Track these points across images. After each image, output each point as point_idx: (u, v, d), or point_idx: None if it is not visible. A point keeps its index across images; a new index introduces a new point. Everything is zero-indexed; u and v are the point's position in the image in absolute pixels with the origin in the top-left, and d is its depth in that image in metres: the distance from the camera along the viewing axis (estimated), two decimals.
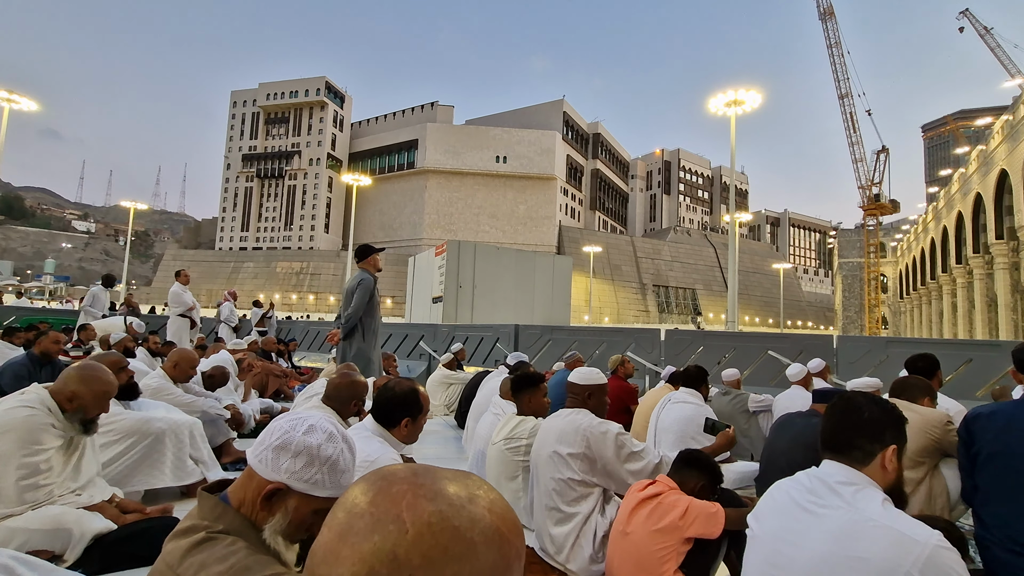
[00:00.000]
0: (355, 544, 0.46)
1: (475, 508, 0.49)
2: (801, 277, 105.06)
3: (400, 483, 0.51)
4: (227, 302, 11.85)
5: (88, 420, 2.23)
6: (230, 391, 5.21)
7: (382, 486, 0.51)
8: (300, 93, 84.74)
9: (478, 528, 0.48)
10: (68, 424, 2.18)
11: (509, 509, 0.53)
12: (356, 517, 0.48)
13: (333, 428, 1.07)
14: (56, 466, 2.16)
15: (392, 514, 0.47)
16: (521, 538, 0.52)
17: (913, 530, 1.19)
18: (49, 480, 2.12)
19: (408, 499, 0.48)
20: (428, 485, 0.50)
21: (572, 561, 2.34)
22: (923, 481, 2.34)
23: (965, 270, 39.50)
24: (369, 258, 5.05)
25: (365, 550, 0.45)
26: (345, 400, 2.49)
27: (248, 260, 79.68)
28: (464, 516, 0.48)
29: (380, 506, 0.48)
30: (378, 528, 0.46)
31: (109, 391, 2.25)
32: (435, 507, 0.48)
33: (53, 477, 2.14)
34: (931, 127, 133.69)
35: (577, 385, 2.59)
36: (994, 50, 57.81)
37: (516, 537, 0.51)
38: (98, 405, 2.22)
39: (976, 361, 6.19)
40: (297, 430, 1.05)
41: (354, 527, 0.47)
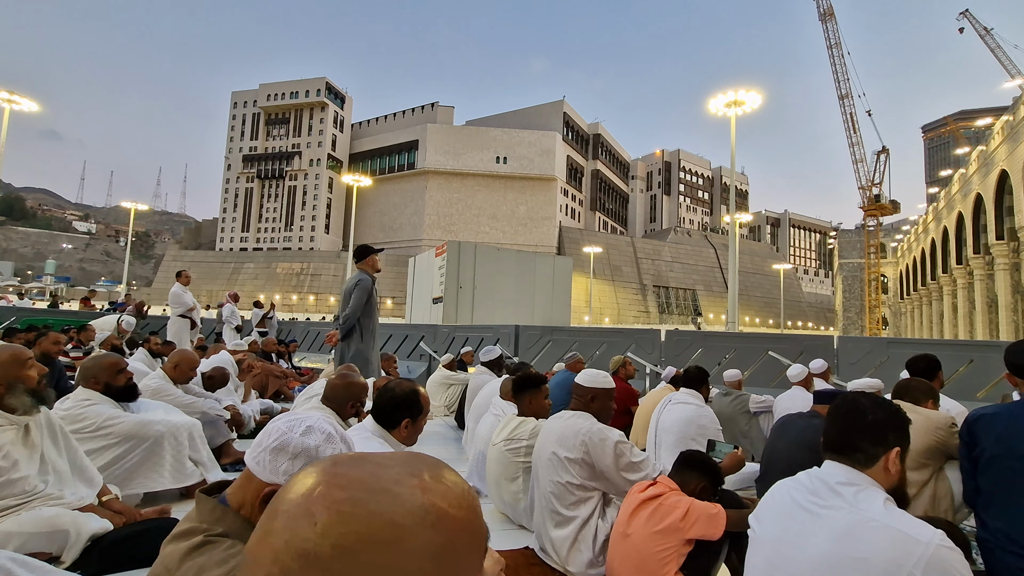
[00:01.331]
0: (269, 544, 0.44)
1: (401, 489, 0.46)
2: (801, 278, 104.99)
3: (316, 475, 0.48)
4: (228, 303, 11.86)
5: (32, 390, 2.19)
6: (230, 392, 5.21)
7: (297, 480, 0.49)
8: (300, 94, 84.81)
9: (404, 509, 0.45)
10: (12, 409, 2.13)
11: (457, 487, 0.50)
12: (270, 517, 0.47)
13: (331, 429, 1.06)
14: (21, 459, 2.12)
15: (302, 508, 0.45)
16: (473, 516, 0.49)
17: (915, 530, 1.18)
18: (19, 473, 2.09)
19: (320, 490, 0.46)
20: (344, 473, 0.48)
21: (571, 564, 2.33)
22: (927, 483, 2.34)
23: (966, 271, 39.47)
24: (368, 259, 5.04)
25: (277, 549, 0.43)
26: (344, 401, 2.49)
27: (248, 261, 79.72)
28: (385, 499, 0.45)
29: (292, 502, 0.46)
30: (289, 525, 0.44)
31: (18, 355, 2.20)
32: (347, 494, 0.45)
33: (22, 470, 2.11)
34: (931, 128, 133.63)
35: (581, 387, 2.54)
36: (994, 51, 57.82)
37: (465, 513, 0.48)
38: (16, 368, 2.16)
39: (977, 362, 6.18)
40: (295, 431, 1.04)
41: (269, 528, 0.46)
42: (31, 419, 2.20)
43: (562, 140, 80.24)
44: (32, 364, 2.24)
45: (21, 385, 2.17)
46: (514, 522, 3.08)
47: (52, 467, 2.24)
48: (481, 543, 0.50)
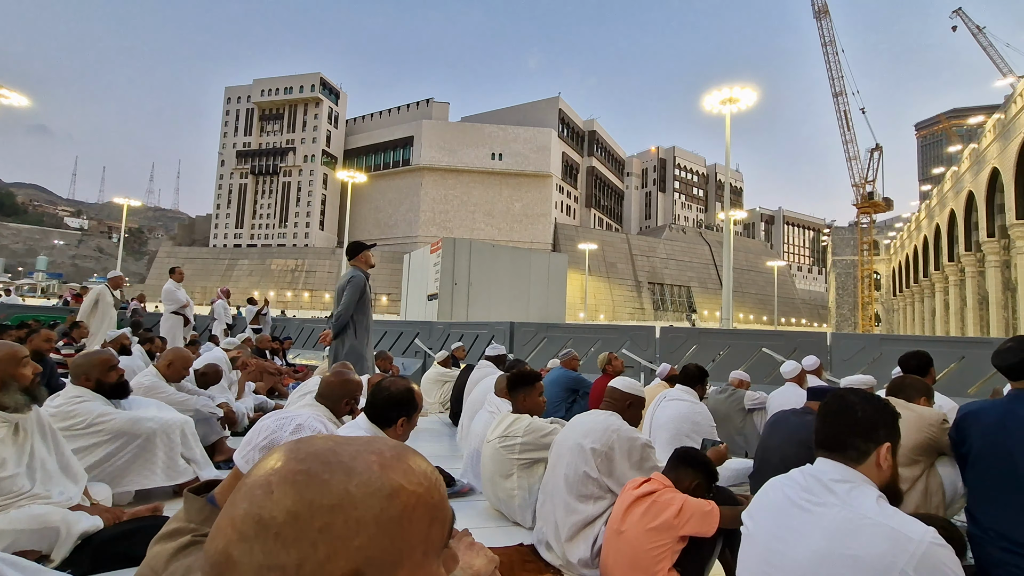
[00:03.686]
0: (229, 514, 0.46)
1: (358, 463, 0.48)
2: (795, 275, 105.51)
3: (278, 452, 0.50)
4: (220, 300, 11.80)
5: (26, 388, 2.18)
6: (224, 389, 5.18)
7: (263, 459, 0.51)
8: (295, 89, 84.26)
9: (357, 480, 0.46)
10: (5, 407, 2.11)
11: (419, 467, 0.51)
12: (235, 492, 0.49)
13: (321, 427, 1.04)
14: (9, 457, 2.10)
15: (262, 480, 0.47)
16: (433, 493, 0.50)
17: (908, 527, 1.19)
18: (7, 472, 2.07)
19: (279, 464, 0.48)
20: (304, 449, 0.50)
21: (571, 553, 2.35)
22: (919, 479, 2.36)
23: (957, 268, 39.79)
24: (361, 255, 5.02)
25: (236, 518, 0.45)
26: (338, 398, 2.47)
27: (243, 257, 79.31)
28: (339, 470, 0.47)
29: (254, 476, 0.48)
30: (249, 496, 0.46)
31: (14, 353, 2.18)
32: (303, 466, 0.47)
33: (10, 469, 2.09)
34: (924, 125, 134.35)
35: (620, 391, 2.64)
36: (986, 49, 58.14)
37: (423, 490, 0.49)
38: (11, 366, 2.15)
39: (968, 358, 6.23)
40: (284, 430, 1.03)
41: (232, 500, 0.48)
42: (22, 417, 2.18)
43: (557, 137, 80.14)
44: (27, 362, 2.22)
45: (16, 383, 2.15)
46: (508, 519, 3.08)
47: (41, 465, 2.22)
48: (441, 520, 0.50)
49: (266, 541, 0.43)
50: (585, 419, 2.60)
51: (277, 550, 0.43)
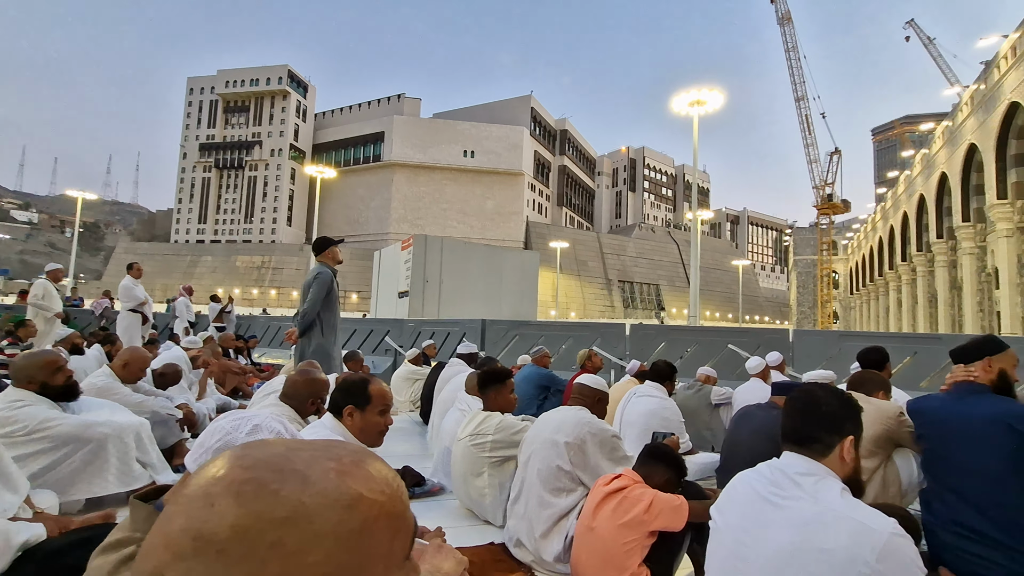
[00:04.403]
0: (163, 530, 0.41)
1: (313, 471, 0.43)
2: (759, 273, 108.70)
3: (222, 458, 0.45)
4: (182, 297, 11.41)
5: None
6: (183, 389, 4.99)
7: (203, 467, 0.46)
8: (261, 81, 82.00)
9: (313, 489, 0.42)
10: None
11: (380, 474, 0.47)
12: (172, 503, 0.44)
13: (281, 428, 0.98)
14: None
15: (202, 491, 0.42)
16: (396, 502, 0.46)
17: (871, 519, 1.22)
18: None
19: (222, 472, 0.43)
20: (251, 455, 0.45)
21: (544, 551, 2.35)
22: (878, 470, 2.45)
23: (910, 267, 41.70)
24: (327, 251, 4.90)
25: (171, 533, 0.40)
26: (304, 398, 2.39)
27: (206, 253, 76.81)
28: (293, 479, 0.42)
29: (192, 486, 0.43)
30: (186, 509, 0.41)
31: None
32: (251, 475, 0.42)
33: None
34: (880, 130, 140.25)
35: (588, 387, 2.72)
36: (936, 59, 61.01)
37: (385, 499, 0.45)
38: None
39: (920, 353, 6.53)
40: (240, 431, 0.97)
41: (167, 514, 0.43)
42: None
43: (530, 135, 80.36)
44: None
45: None
46: (479, 518, 3.06)
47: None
48: (404, 531, 0.47)
49: (207, 561, 0.38)
50: (555, 415, 2.62)
51: (220, 570, 0.38)
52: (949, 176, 33.47)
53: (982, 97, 29.29)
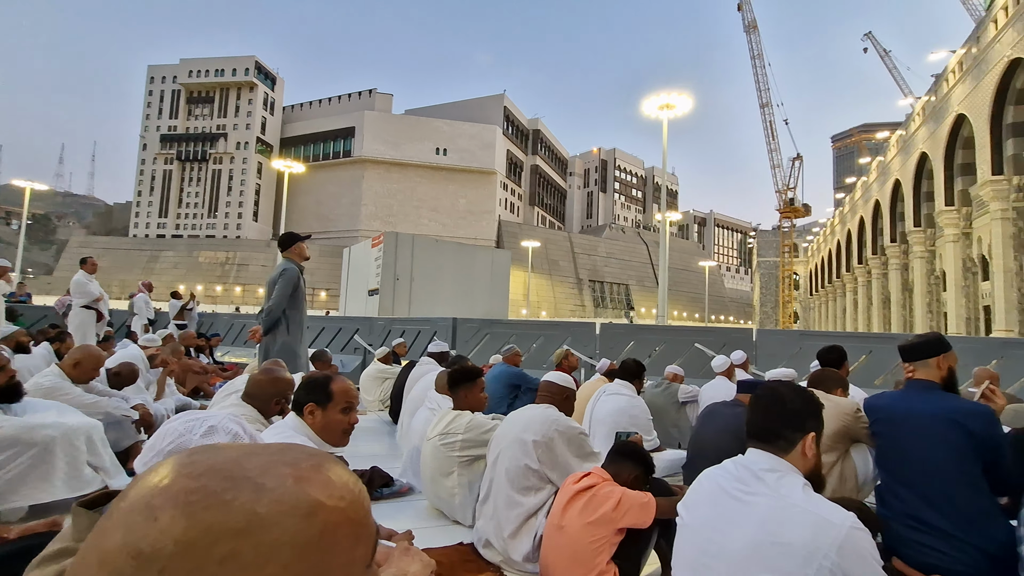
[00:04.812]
0: (98, 547, 0.37)
1: (268, 478, 0.41)
2: (724, 274, 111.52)
3: (166, 466, 0.42)
4: (141, 293, 10.96)
5: None
6: (140, 389, 4.79)
7: (144, 475, 0.42)
8: (227, 72, 79.52)
9: (268, 498, 0.39)
10: None
11: (341, 479, 0.44)
12: (106, 517, 0.39)
13: (239, 428, 0.93)
14: None
15: (143, 503, 0.38)
16: (357, 509, 0.44)
17: (831, 513, 1.26)
18: None
19: (166, 482, 0.40)
20: (200, 462, 0.41)
21: (513, 551, 2.34)
22: (836, 464, 2.54)
23: (865, 270, 43.48)
24: (294, 246, 4.77)
25: (107, 551, 0.36)
26: (267, 398, 2.31)
27: (167, 249, 74.03)
28: (246, 487, 0.39)
29: (132, 498, 0.39)
30: (124, 522, 0.37)
31: None
32: (198, 484, 0.39)
33: None
34: (839, 138, 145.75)
35: (557, 385, 2.74)
36: (891, 71, 63.85)
37: (346, 505, 0.42)
38: None
39: (875, 352, 6.82)
40: (194, 432, 0.92)
41: (102, 529, 0.39)
42: None
43: (502, 134, 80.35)
44: None
45: None
46: (448, 518, 3.04)
47: None
48: (366, 538, 0.44)
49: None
50: (524, 413, 2.62)
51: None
52: (902, 183, 35.07)
53: (932, 109, 30.77)
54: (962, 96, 26.88)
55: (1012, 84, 23.44)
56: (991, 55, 24.12)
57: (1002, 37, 23.29)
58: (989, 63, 24.25)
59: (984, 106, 24.63)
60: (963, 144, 27.99)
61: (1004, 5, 23.31)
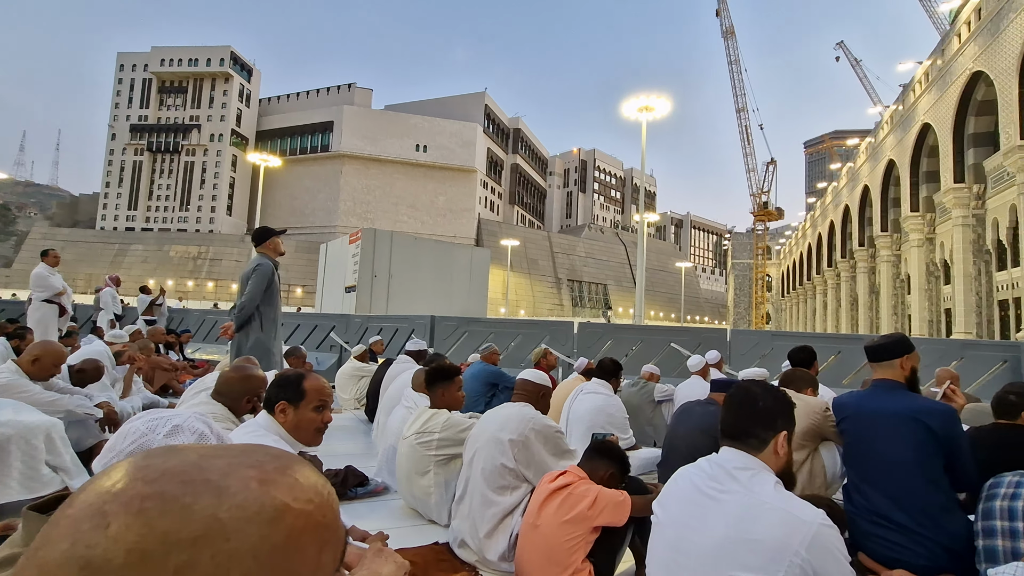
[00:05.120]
0: (40, 561, 0.34)
1: (231, 481, 0.38)
2: (700, 275, 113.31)
3: (119, 469, 0.39)
4: (108, 288, 10.60)
5: None
6: (106, 387, 4.63)
7: (95, 479, 0.39)
8: (201, 62, 77.37)
9: (231, 503, 0.37)
10: None
11: (308, 480, 0.42)
12: (52, 525, 0.36)
13: (205, 428, 0.89)
14: None
15: (92, 509, 0.35)
16: (326, 512, 0.42)
17: (801, 511, 1.29)
18: None
19: (119, 486, 0.37)
20: (156, 465, 0.39)
21: (488, 551, 2.34)
22: (805, 462, 2.60)
23: (835, 273, 44.71)
24: (269, 241, 4.67)
25: (50, 563, 0.33)
26: (238, 395, 2.25)
27: (136, 242, 71.67)
28: (206, 491, 0.37)
29: (81, 504, 0.36)
30: (71, 531, 0.35)
31: None
32: (154, 489, 0.36)
33: None
34: (811, 144, 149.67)
35: (533, 383, 2.73)
36: (862, 80, 65.77)
37: (314, 508, 0.41)
38: None
39: (843, 353, 7.02)
40: (157, 432, 0.87)
41: (46, 537, 0.35)
42: None
43: (483, 132, 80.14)
44: None
45: None
46: (424, 518, 3.01)
47: None
48: (334, 543, 0.43)
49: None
50: (500, 412, 2.62)
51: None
52: (871, 189, 36.16)
53: (900, 117, 31.78)
54: (927, 106, 27.83)
55: (973, 96, 24.37)
56: (954, 67, 25.02)
57: (965, 50, 24.19)
58: (953, 75, 25.16)
59: (947, 116, 25.55)
60: (928, 152, 28.99)
61: (967, 20, 24.20)
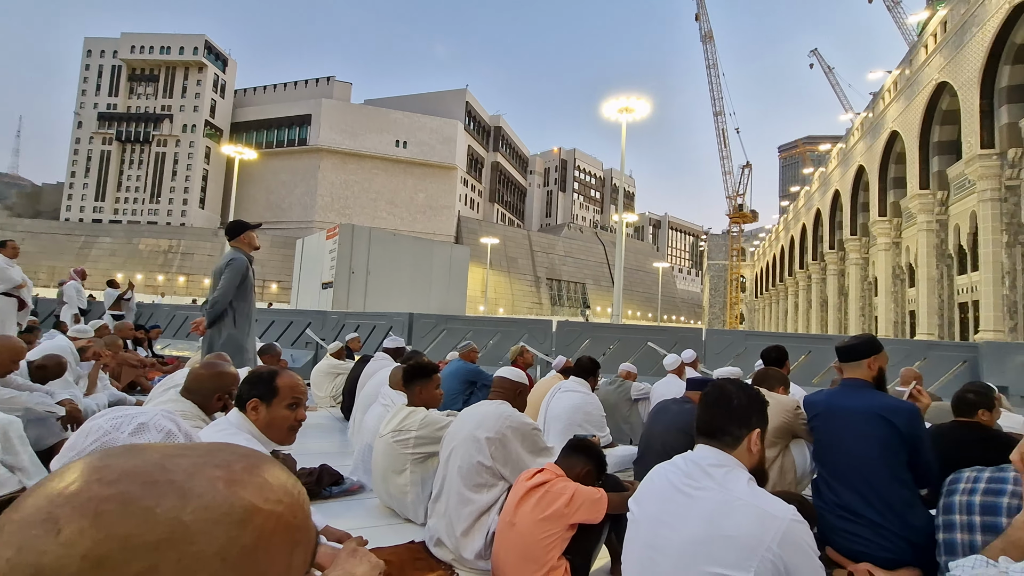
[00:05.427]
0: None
1: (196, 481, 0.36)
2: (676, 276, 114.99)
3: (74, 470, 0.36)
4: (72, 281, 10.24)
5: None
6: (69, 383, 4.47)
7: (46, 480, 0.37)
8: (174, 50, 75.24)
9: (196, 504, 0.35)
10: None
11: (278, 480, 0.40)
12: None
13: (173, 426, 0.85)
14: None
15: (42, 514, 0.33)
16: (297, 512, 0.40)
17: (773, 507, 1.31)
18: None
19: (74, 487, 0.34)
20: (115, 465, 0.36)
21: (465, 549, 2.33)
22: (777, 459, 2.66)
23: (806, 274, 45.88)
24: (243, 235, 4.56)
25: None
26: (209, 393, 2.19)
27: (104, 234, 69.37)
28: (170, 493, 0.35)
29: (29, 508, 0.34)
30: (19, 537, 0.32)
31: None
32: (114, 490, 0.34)
33: None
34: (785, 148, 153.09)
35: (510, 381, 2.71)
36: (834, 87, 67.50)
37: (284, 509, 0.39)
38: None
39: (814, 352, 7.20)
40: (122, 430, 0.83)
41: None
42: None
43: (464, 129, 79.81)
44: None
45: None
46: (400, 516, 2.99)
47: None
48: (305, 544, 0.41)
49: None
50: (477, 410, 2.61)
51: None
52: (841, 193, 37.20)
53: (870, 125, 32.75)
54: (896, 114, 28.74)
55: (939, 106, 25.25)
56: (921, 77, 25.89)
57: (931, 61, 25.03)
58: (920, 85, 26.02)
59: (914, 125, 26.42)
60: (896, 159, 29.94)
61: (933, 32, 25.05)
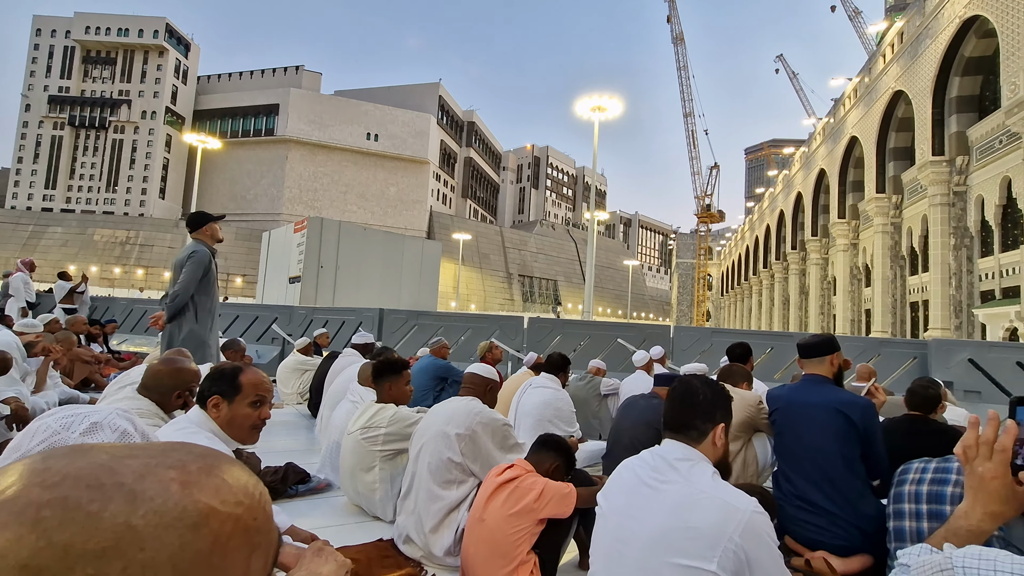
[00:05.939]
0: None
1: (147, 484, 0.34)
2: (646, 274, 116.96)
3: (13, 472, 0.34)
4: (19, 272, 9.72)
5: None
6: (15, 380, 4.24)
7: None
8: (132, 32, 71.99)
9: (146, 508, 0.33)
10: None
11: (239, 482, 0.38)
12: None
13: (128, 425, 0.81)
14: None
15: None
16: (257, 514, 0.38)
17: (735, 499, 1.35)
18: None
19: (11, 491, 0.32)
20: (57, 467, 0.34)
21: (434, 546, 2.32)
22: (740, 452, 2.74)
23: (769, 274, 47.33)
24: (205, 227, 4.41)
25: None
26: (168, 390, 2.11)
27: (55, 224, 66.00)
28: (117, 496, 0.33)
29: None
30: None
31: None
32: (55, 495, 0.32)
33: None
34: (751, 150, 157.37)
35: (480, 377, 2.71)
36: (799, 92, 69.75)
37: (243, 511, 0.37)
38: None
39: (775, 349, 7.44)
40: (72, 429, 0.79)
41: None
42: None
43: (436, 124, 79.09)
44: None
45: None
46: (368, 514, 2.96)
47: None
48: (265, 547, 0.39)
49: None
50: (447, 406, 2.60)
51: None
52: (803, 196, 38.47)
53: (831, 130, 33.95)
54: (855, 121, 29.86)
55: (895, 113, 26.36)
56: (879, 86, 26.97)
57: (888, 70, 26.11)
58: (877, 93, 27.11)
59: (872, 131, 27.53)
60: (855, 163, 31.14)
61: (891, 42, 26.11)
